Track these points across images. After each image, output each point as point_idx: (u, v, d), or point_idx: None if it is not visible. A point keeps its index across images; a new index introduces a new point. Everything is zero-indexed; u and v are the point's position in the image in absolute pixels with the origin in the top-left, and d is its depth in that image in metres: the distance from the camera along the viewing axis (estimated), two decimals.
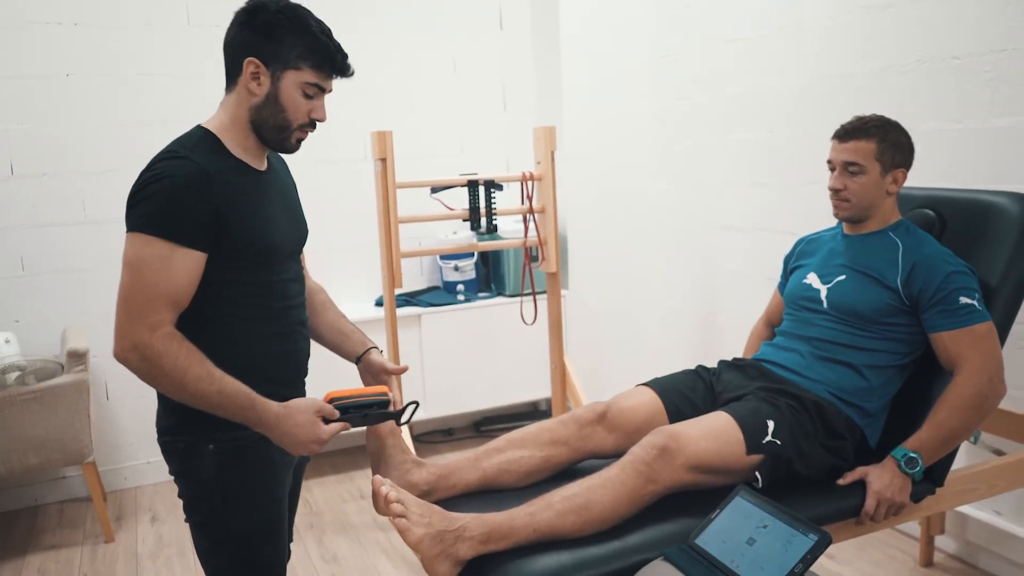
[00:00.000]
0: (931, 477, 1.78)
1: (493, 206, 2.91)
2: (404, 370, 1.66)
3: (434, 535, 1.42)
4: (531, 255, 3.12)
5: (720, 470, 1.65)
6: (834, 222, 2.08)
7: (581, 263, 3.91)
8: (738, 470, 1.66)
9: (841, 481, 1.73)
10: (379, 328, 3.41)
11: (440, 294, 3.77)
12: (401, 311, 3.46)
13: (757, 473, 1.67)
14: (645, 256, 3.53)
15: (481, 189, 2.89)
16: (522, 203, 2.98)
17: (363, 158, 3.72)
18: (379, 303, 3.66)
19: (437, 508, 1.48)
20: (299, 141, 1.48)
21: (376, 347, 1.70)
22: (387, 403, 1.54)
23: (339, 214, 3.68)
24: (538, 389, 3.81)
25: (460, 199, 3.11)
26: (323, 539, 2.90)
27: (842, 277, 1.91)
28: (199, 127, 1.46)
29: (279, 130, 1.45)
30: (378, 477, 1.45)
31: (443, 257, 3.79)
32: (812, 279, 1.97)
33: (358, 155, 3.72)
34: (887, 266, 1.84)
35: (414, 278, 3.92)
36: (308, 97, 1.44)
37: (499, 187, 2.93)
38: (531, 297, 3.20)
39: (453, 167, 3.81)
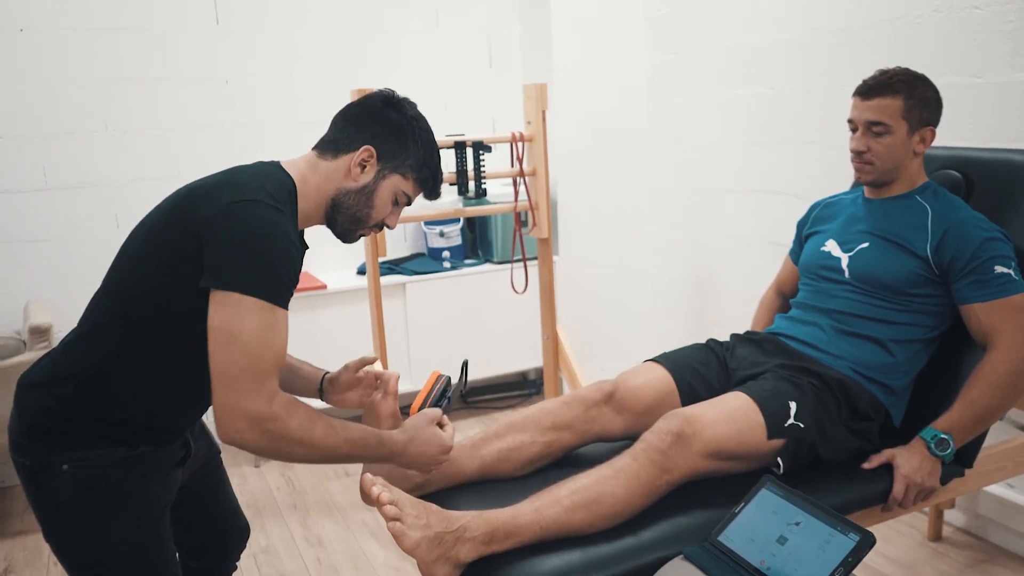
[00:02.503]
0: (960, 459, 1.66)
1: (482, 169, 2.74)
2: (375, 360, 1.60)
3: (432, 538, 1.29)
4: (521, 220, 2.97)
5: (739, 456, 1.53)
6: (842, 184, 1.94)
7: (571, 228, 3.75)
8: (758, 456, 1.54)
9: (866, 465, 1.62)
10: (362, 298, 3.27)
11: (425, 261, 3.61)
12: (385, 279, 3.30)
13: (778, 458, 1.55)
14: (638, 219, 3.39)
15: (469, 151, 2.72)
16: (512, 166, 2.82)
17: None
18: (361, 271, 3.51)
19: (434, 507, 1.34)
20: (361, 236, 1.46)
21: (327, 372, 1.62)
22: (450, 382, 1.57)
23: None
24: (527, 359, 3.69)
25: (446, 162, 2.95)
26: (307, 520, 2.77)
27: (865, 244, 1.77)
28: (287, 174, 1.38)
29: (354, 221, 1.42)
30: (368, 476, 1.31)
31: (428, 223, 3.63)
32: (831, 247, 1.83)
33: None
34: (915, 233, 1.71)
35: (398, 245, 3.75)
36: (394, 204, 1.44)
37: (488, 149, 2.76)
38: (521, 264, 3.05)
39: (437, 128, 3.57)
